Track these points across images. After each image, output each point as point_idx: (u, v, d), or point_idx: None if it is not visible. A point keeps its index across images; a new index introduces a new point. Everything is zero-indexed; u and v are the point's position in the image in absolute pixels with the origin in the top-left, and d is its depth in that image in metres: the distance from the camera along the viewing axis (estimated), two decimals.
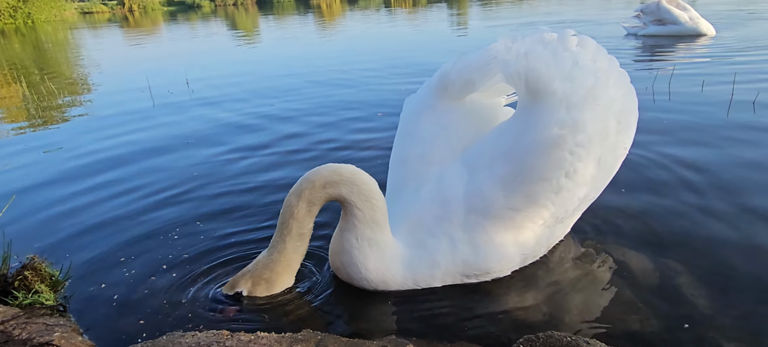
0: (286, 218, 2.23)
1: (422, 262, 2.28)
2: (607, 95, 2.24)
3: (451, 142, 2.46)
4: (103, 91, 8.78)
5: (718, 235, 2.63)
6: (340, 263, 2.33)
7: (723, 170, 3.37)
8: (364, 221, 2.20)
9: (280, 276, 2.32)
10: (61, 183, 4.03)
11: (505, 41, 2.37)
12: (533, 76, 2.18)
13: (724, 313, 2.06)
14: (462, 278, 2.31)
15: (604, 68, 2.29)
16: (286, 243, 2.25)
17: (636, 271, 2.39)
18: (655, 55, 8.28)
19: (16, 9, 42.31)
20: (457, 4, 27.51)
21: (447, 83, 2.49)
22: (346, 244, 2.25)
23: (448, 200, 2.28)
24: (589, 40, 2.37)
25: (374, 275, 2.26)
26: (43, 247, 2.95)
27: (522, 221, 2.25)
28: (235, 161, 4.30)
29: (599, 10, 17.86)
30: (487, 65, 2.35)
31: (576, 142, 2.13)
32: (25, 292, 2.28)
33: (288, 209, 2.22)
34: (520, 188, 2.19)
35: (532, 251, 2.39)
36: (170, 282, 2.50)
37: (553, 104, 2.16)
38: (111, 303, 2.36)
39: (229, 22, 30.32)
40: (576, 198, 2.26)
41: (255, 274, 2.31)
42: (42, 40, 23.50)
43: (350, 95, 6.78)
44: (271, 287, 2.33)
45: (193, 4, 63.75)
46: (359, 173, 2.22)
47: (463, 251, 2.26)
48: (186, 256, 2.73)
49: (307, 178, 2.22)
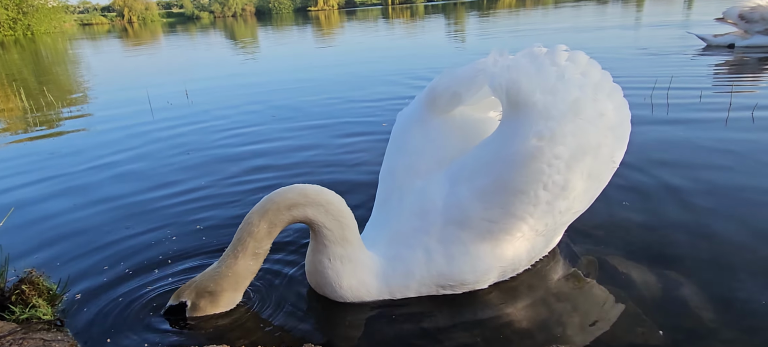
0: (244, 235, 2.16)
1: (397, 273, 2.28)
2: (595, 109, 2.22)
3: (439, 155, 2.46)
4: (103, 102, 8.78)
5: (722, 246, 2.61)
6: (315, 283, 2.34)
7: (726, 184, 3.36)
8: (334, 240, 2.19)
9: (224, 292, 2.24)
10: (59, 196, 4.01)
11: (494, 54, 2.38)
12: (514, 88, 2.18)
13: (730, 326, 2.04)
14: (437, 289, 2.31)
15: (594, 82, 2.28)
16: (238, 260, 2.18)
17: (638, 283, 2.37)
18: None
19: (15, 21, 42.53)
20: (454, 15, 27.70)
21: (435, 97, 2.50)
22: (319, 265, 2.25)
23: (427, 211, 2.28)
24: (581, 55, 2.37)
25: (348, 292, 2.27)
26: (41, 261, 2.92)
27: (499, 233, 2.24)
28: (235, 174, 4.28)
29: (600, 18, 17.99)
30: (473, 78, 2.37)
31: (554, 154, 2.12)
32: (22, 306, 2.26)
33: (247, 227, 2.16)
34: (498, 199, 2.18)
35: (510, 265, 2.37)
36: (168, 296, 2.47)
37: (532, 115, 2.15)
38: (109, 318, 2.33)
39: (228, 33, 30.47)
40: (557, 211, 2.24)
41: (200, 286, 2.23)
42: (41, 52, 23.56)
43: (349, 107, 6.78)
44: (214, 302, 2.25)
45: (192, 16, 64.10)
46: (326, 193, 2.20)
47: (438, 262, 2.25)
48: (187, 272, 2.70)
49: (271, 198, 2.17)
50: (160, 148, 5.28)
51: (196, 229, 3.20)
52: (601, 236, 2.80)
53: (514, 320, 2.18)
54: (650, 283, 2.36)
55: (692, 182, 3.39)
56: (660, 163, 3.74)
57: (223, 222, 3.27)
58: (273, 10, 70.41)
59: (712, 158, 3.78)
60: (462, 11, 29.02)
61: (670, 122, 4.82)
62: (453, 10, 29.54)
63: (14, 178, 4.57)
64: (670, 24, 14.56)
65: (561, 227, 2.52)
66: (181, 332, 2.21)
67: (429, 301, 2.31)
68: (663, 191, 3.29)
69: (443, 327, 2.16)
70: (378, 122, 5.74)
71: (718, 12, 9.21)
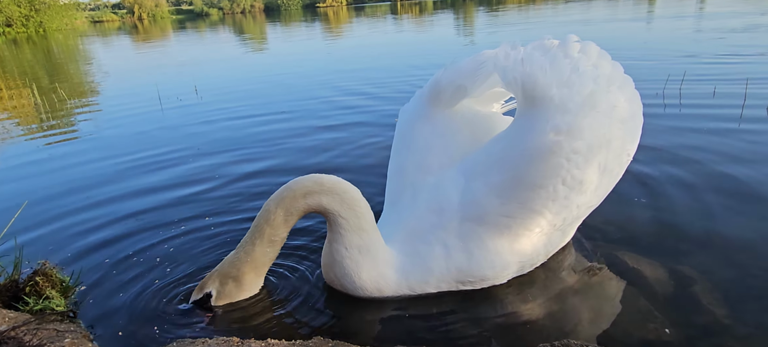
0: (261, 222, 2.22)
1: (416, 269, 2.27)
2: (608, 101, 2.18)
3: (449, 151, 2.45)
4: (113, 98, 8.86)
5: (735, 242, 2.57)
6: (333, 275, 2.33)
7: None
8: (350, 229, 2.19)
9: (246, 276, 2.29)
10: (72, 190, 4.06)
11: (505, 47, 2.35)
12: (530, 83, 2.15)
13: (744, 323, 2.01)
14: (457, 285, 2.30)
15: (606, 74, 2.24)
16: (255, 246, 2.24)
17: (650, 279, 2.34)
18: None
19: (28, 18, 43.06)
20: (464, 10, 27.53)
21: (439, 91, 2.48)
22: (337, 255, 2.25)
23: (443, 208, 2.27)
24: (592, 46, 2.33)
25: (368, 283, 2.26)
26: (54, 253, 2.96)
27: (518, 228, 2.22)
28: (244, 172, 4.30)
29: (612, 12, 17.79)
30: (477, 71, 2.34)
31: (573, 148, 2.09)
32: (36, 298, 2.29)
33: (265, 214, 2.21)
34: (516, 195, 2.16)
35: (529, 259, 2.36)
36: (182, 289, 2.49)
37: (550, 110, 2.12)
38: (121, 310, 2.36)
39: (237, 29, 30.58)
40: (574, 206, 2.22)
41: (222, 272, 2.29)
42: (53, 49, 23.83)
43: (360, 101, 6.78)
44: (239, 287, 2.31)
45: (201, 13, 64.44)
46: (341, 183, 2.22)
47: (458, 258, 2.24)
48: (198, 263, 2.72)
49: (288, 186, 2.21)
50: (170, 145, 5.31)
51: (205, 225, 3.22)
52: (613, 231, 2.78)
53: (525, 315, 2.17)
54: (662, 279, 2.34)
55: (705, 177, 3.35)
56: (672, 159, 3.70)
57: (231, 219, 3.28)
58: (282, 6, 70.59)
59: (725, 153, 3.73)
60: (471, 7, 28.83)
61: (683, 117, 4.76)
62: (462, 6, 29.30)
63: (27, 172, 4.63)
64: (684, 16, 14.36)
65: (577, 221, 2.50)
66: (192, 324, 2.23)
67: (440, 297, 2.30)
68: (675, 187, 3.26)
69: (452, 321, 2.15)
70: (390, 117, 5.73)
71: (731, 6, 9.01)
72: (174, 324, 2.23)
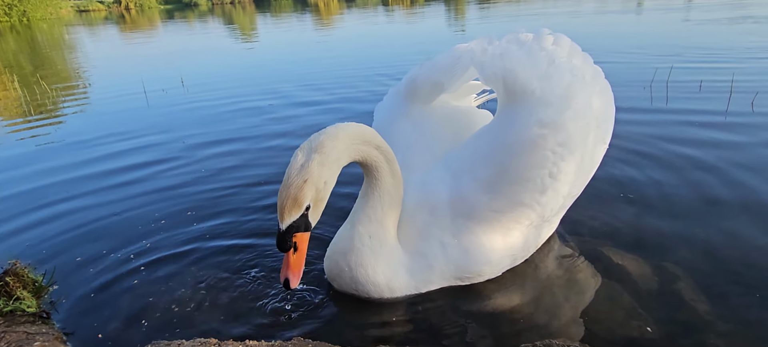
0: (320, 143, 1.86)
1: (420, 267, 2.24)
2: (584, 92, 2.23)
3: (431, 147, 2.45)
4: (98, 90, 8.69)
5: (718, 238, 2.57)
6: (345, 264, 2.17)
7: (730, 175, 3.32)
8: (387, 198, 2.05)
9: (319, 204, 1.91)
10: (47, 186, 3.95)
11: (481, 42, 2.37)
12: (511, 77, 2.17)
13: (726, 319, 2.01)
14: (455, 280, 2.29)
15: (578, 66, 2.30)
16: (324, 168, 1.86)
17: (634, 276, 2.33)
18: None
19: (11, 7, 42.14)
20: (454, 2, 27.44)
21: (415, 88, 2.48)
22: (357, 242, 2.11)
23: (434, 206, 2.24)
24: (564, 38, 2.38)
25: (382, 279, 2.17)
26: (27, 251, 2.87)
27: (508, 222, 2.22)
28: (228, 162, 4.23)
29: (602, 4, 17.82)
30: (453, 66, 2.34)
31: (557, 141, 2.11)
32: (6, 299, 2.22)
33: (325, 135, 1.88)
34: (503, 189, 2.15)
35: (521, 252, 2.37)
36: (158, 287, 2.44)
37: (532, 103, 2.15)
38: (96, 310, 2.30)
39: (226, 20, 30.21)
40: (560, 196, 2.24)
41: (309, 181, 1.85)
42: (37, 39, 23.36)
43: (348, 94, 6.71)
44: (315, 212, 1.90)
45: (189, 3, 63.57)
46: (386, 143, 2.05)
47: (455, 255, 2.23)
48: (179, 262, 2.67)
49: (352, 124, 1.92)
50: (154, 136, 5.22)
51: (187, 219, 3.16)
52: (597, 227, 2.77)
53: (508, 314, 2.15)
54: (646, 276, 2.33)
55: (689, 173, 3.34)
56: (657, 154, 3.69)
57: (214, 214, 3.22)
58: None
59: (709, 149, 3.72)
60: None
61: (669, 112, 4.76)
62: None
63: (4, 167, 4.51)
64: (672, 9, 14.41)
65: (562, 211, 2.52)
66: (172, 323, 2.18)
67: (446, 295, 2.27)
68: (659, 184, 3.25)
69: (436, 320, 2.13)
70: None
71: None
72: (149, 324, 2.18)
